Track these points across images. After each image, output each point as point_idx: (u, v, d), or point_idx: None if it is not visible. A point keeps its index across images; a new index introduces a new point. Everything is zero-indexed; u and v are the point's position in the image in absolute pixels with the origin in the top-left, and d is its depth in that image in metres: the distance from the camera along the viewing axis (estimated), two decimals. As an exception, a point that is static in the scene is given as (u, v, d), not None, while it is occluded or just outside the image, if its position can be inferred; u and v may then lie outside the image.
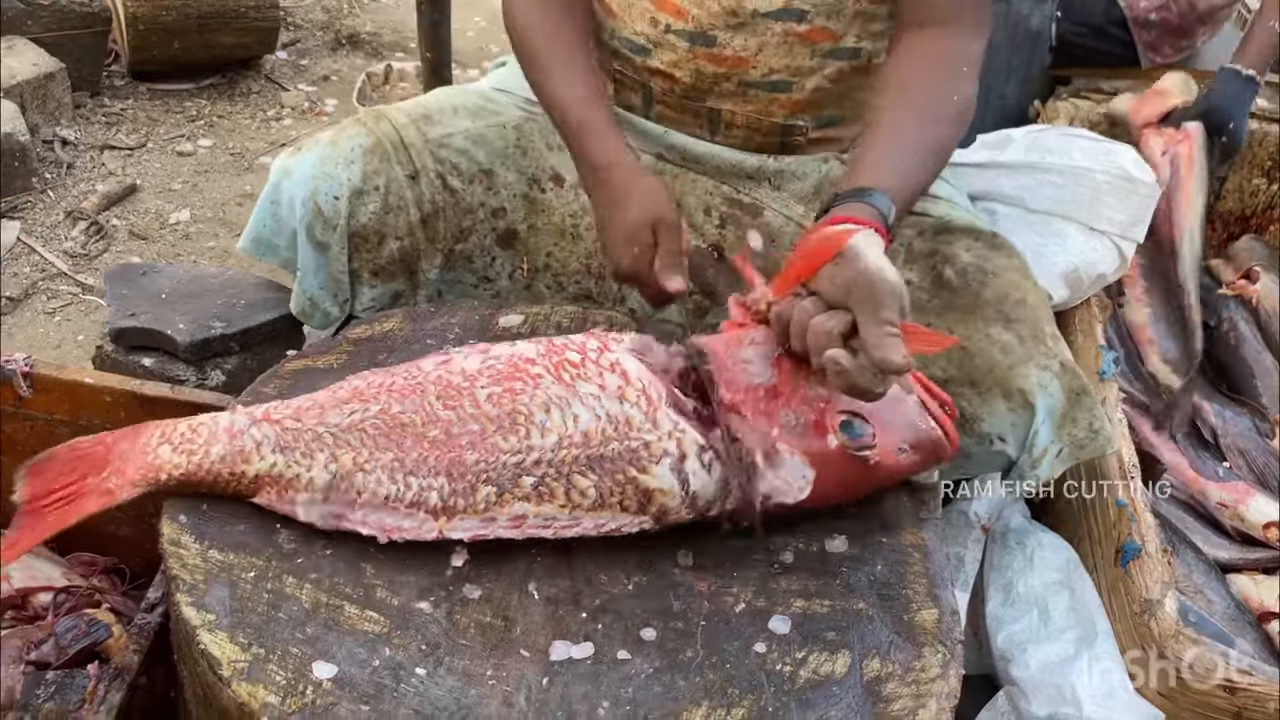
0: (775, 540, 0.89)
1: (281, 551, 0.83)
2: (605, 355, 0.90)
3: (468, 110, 1.28)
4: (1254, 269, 1.87)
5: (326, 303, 1.24)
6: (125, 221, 2.33)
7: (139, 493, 0.85)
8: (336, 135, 1.24)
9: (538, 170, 1.27)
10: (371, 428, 0.86)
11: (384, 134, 1.23)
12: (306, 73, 3.05)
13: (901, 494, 0.95)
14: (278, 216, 1.25)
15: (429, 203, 1.23)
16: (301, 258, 1.23)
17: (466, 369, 0.89)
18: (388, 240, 1.22)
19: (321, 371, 1.02)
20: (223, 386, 1.25)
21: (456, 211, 1.24)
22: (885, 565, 0.88)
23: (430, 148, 1.24)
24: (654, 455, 0.84)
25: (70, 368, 1.17)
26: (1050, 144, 1.49)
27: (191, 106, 2.78)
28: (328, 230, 1.20)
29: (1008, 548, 1.23)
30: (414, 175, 1.22)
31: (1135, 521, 1.12)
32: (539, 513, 0.83)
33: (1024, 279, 1.20)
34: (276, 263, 1.29)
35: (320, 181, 1.20)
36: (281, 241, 1.26)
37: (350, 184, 1.20)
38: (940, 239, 1.22)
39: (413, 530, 0.83)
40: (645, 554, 0.87)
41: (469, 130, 1.26)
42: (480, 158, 1.25)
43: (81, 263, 2.19)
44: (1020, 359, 1.12)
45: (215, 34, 2.78)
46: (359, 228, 1.21)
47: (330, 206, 1.20)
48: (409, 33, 3.06)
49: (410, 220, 1.22)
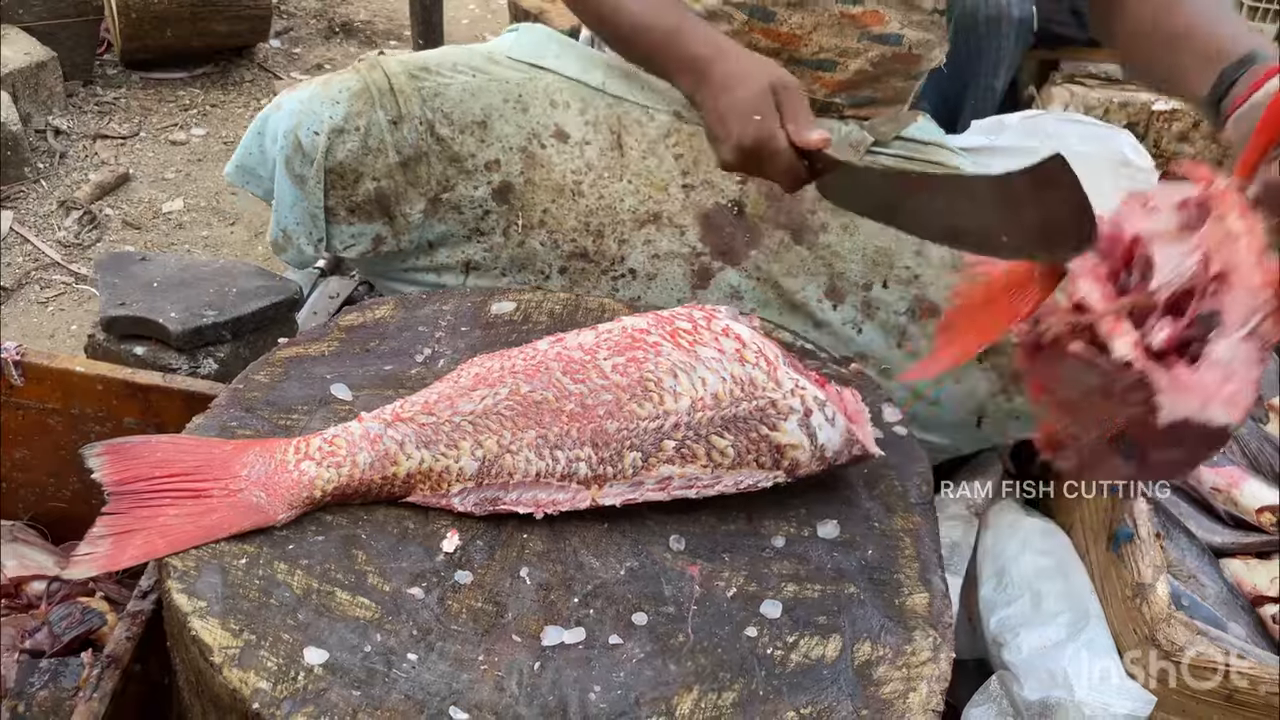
0: (766, 524, 0.89)
1: (273, 538, 0.83)
2: (714, 322, 0.92)
3: (469, 67, 1.30)
4: (1248, 254, 1.87)
5: (301, 239, 1.26)
6: (118, 211, 2.32)
7: (297, 514, 0.84)
8: (330, 77, 1.28)
9: (538, 126, 1.27)
10: (506, 410, 0.87)
11: (374, 80, 1.26)
12: (300, 61, 3.04)
13: (893, 478, 0.95)
14: (263, 147, 1.28)
15: (410, 147, 1.25)
16: (278, 190, 1.26)
17: (584, 344, 0.91)
18: (364, 179, 1.24)
19: (313, 359, 1.02)
20: (215, 375, 1.25)
21: (442, 159, 1.26)
22: (876, 550, 0.88)
23: (422, 95, 1.26)
24: (781, 412, 0.87)
25: (62, 356, 1.17)
26: (1048, 128, 1.49)
27: (184, 95, 2.77)
28: (305, 164, 1.23)
29: (1000, 533, 1.23)
30: (396, 120, 1.24)
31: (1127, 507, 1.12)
32: (683, 474, 0.86)
33: None
34: (258, 192, 1.32)
35: (304, 116, 1.23)
36: (265, 171, 1.29)
37: (331, 121, 1.22)
38: None
39: (567, 502, 0.86)
40: (637, 539, 0.87)
41: (467, 84, 1.27)
42: (475, 110, 1.26)
43: (75, 252, 2.18)
44: None
45: (208, 22, 2.77)
46: (335, 164, 1.24)
47: (310, 141, 1.23)
48: (403, 20, 3.05)
49: (389, 162, 1.24)
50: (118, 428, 1.17)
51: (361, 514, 0.86)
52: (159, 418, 1.14)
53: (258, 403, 0.96)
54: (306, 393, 0.98)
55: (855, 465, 0.92)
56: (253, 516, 0.83)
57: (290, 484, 0.84)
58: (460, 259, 1.29)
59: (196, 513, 0.82)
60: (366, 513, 0.86)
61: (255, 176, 1.30)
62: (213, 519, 0.82)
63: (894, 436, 1.00)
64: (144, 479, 0.84)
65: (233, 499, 0.83)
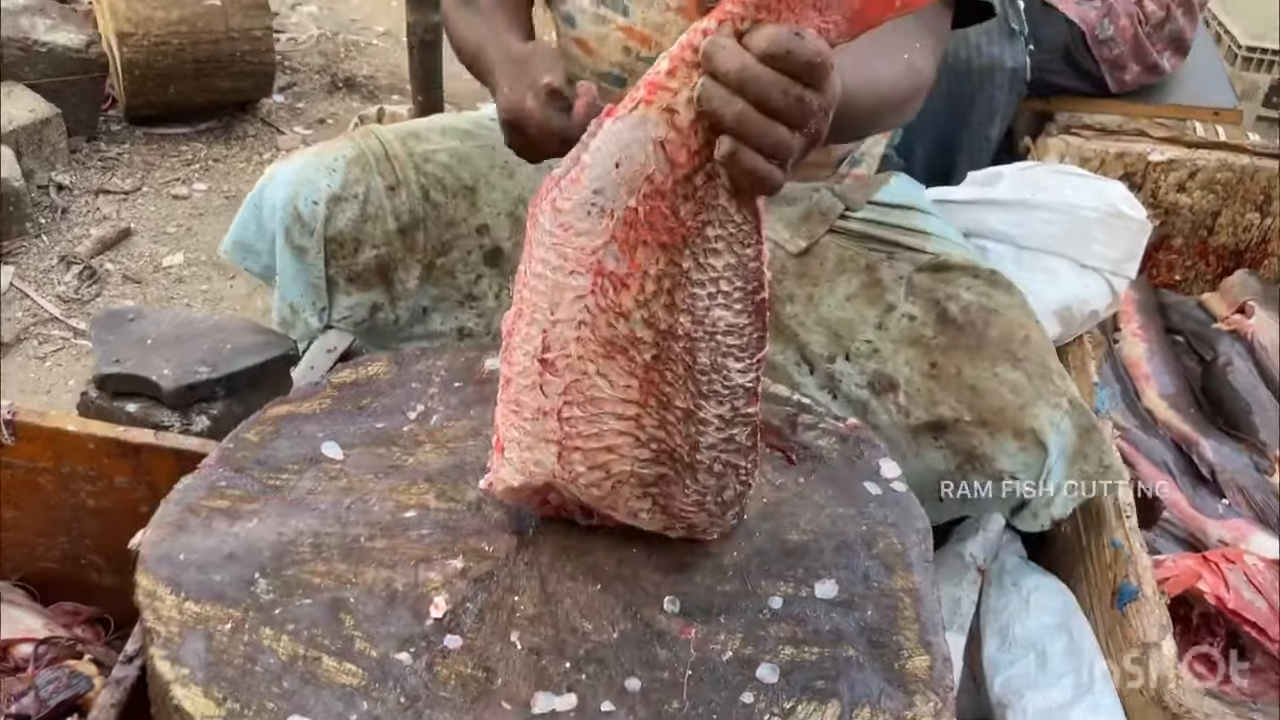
0: (763, 584, 0.87)
1: (259, 602, 0.82)
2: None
3: (456, 132, 1.31)
4: (1248, 303, 1.87)
5: (306, 311, 1.26)
6: (118, 266, 2.33)
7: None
8: (324, 146, 1.28)
9: (525, 191, 1.28)
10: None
11: (369, 147, 1.26)
12: (303, 115, 3.07)
13: (892, 536, 0.93)
14: (259, 221, 1.27)
15: (408, 213, 1.25)
16: (280, 263, 1.25)
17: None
18: (364, 247, 1.23)
19: (305, 417, 1.01)
20: (208, 432, 1.24)
21: (438, 224, 1.26)
22: (876, 610, 0.86)
23: (415, 161, 1.26)
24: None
25: (53, 415, 1.16)
26: (1041, 180, 1.49)
27: (187, 150, 2.79)
28: (305, 234, 1.23)
29: (1004, 589, 1.21)
30: (394, 186, 1.24)
31: (1131, 563, 1.10)
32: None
33: (1026, 316, 1.19)
34: (255, 268, 1.31)
35: (301, 187, 1.23)
36: (262, 246, 1.28)
37: (330, 190, 1.22)
38: (940, 276, 1.22)
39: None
40: (630, 601, 0.85)
41: (455, 149, 1.28)
42: (464, 175, 1.27)
43: (74, 307, 2.19)
44: (1030, 398, 1.11)
45: (212, 78, 2.80)
46: (335, 233, 1.23)
47: (309, 211, 1.22)
48: (405, 76, 3.08)
49: (388, 229, 1.24)
50: (109, 487, 1.16)
51: (350, 576, 0.85)
52: (150, 475, 1.13)
53: (247, 462, 0.95)
54: (297, 451, 0.97)
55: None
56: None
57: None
58: (454, 325, 1.29)
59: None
60: (355, 574, 0.85)
61: (252, 252, 1.30)
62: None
63: (893, 494, 0.99)
64: None
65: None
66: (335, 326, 1.29)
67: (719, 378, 0.76)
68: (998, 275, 1.23)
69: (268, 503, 0.91)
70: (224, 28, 2.73)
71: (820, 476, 0.99)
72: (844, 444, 1.04)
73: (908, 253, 1.25)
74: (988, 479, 1.13)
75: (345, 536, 0.88)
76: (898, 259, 1.24)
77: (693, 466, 0.81)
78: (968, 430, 1.12)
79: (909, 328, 1.19)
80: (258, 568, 0.84)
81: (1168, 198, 1.96)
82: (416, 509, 0.92)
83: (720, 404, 0.78)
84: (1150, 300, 1.93)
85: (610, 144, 0.70)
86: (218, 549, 0.86)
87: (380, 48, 3.54)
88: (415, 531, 0.89)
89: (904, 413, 1.16)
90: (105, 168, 2.68)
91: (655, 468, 0.82)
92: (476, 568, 0.87)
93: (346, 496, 0.92)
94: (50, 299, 2.19)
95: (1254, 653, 1.20)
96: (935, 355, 1.15)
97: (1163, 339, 1.85)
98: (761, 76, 0.63)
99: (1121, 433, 1.57)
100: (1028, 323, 1.18)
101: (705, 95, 0.64)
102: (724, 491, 0.84)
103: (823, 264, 1.25)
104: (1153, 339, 1.84)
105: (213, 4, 2.70)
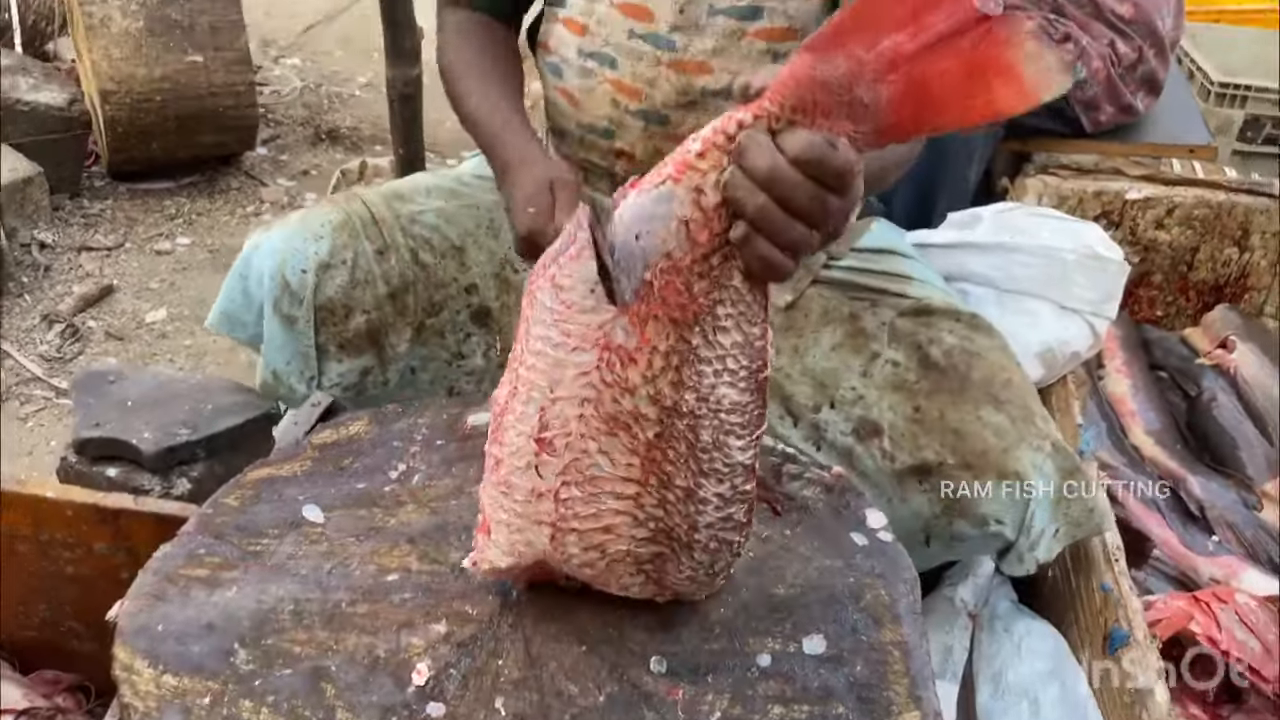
0: (750, 641, 0.86)
1: (239, 673, 0.80)
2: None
3: (441, 191, 1.31)
4: (1230, 338, 1.88)
5: (293, 379, 1.24)
6: (101, 322, 2.32)
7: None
8: (308, 212, 1.27)
9: (510, 251, 1.27)
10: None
11: (355, 211, 1.25)
12: (286, 168, 3.08)
13: (880, 587, 0.93)
14: (246, 291, 1.26)
15: (398, 277, 1.24)
16: (268, 332, 1.24)
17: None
18: (355, 313, 1.22)
19: (285, 480, 1.00)
20: (188, 495, 1.23)
21: (428, 286, 1.25)
22: (865, 665, 0.85)
23: (401, 223, 1.25)
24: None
25: (32, 481, 1.15)
26: (1019, 223, 1.50)
27: (170, 205, 2.80)
28: (294, 304, 1.21)
29: (995, 635, 1.20)
30: (383, 250, 1.23)
31: (1122, 607, 1.10)
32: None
33: (1008, 359, 1.20)
34: (244, 338, 1.29)
35: (288, 255, 1.21)
36: (249, 317, 1.26)
37: (318, 257, 1.21)
38: (921, 320, 1.22)
39: None
40: (616, 662, 0.84)
41: (441, 209, 1.27)
42: (451, 235, 1.27)
43: (56, 366, 2.17)
44: (1013, 441, 1.11)
45: (195, 133, 2.81)
46: (325, 300, 1.22)
47: (297, 280, 1.21)
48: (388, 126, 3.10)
49: (378, 294, 1.23)
50: (88, 553, 1.14)
51: (331, 643, 0.84)
52: (129, 541, 1.12)
53: (227, 528, 0.94)
54: (277, 515, 0.96)
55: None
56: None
57: None
58: (443, 385, 1.28)
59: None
60: (336, 641, 0.84)
61: (239, 323, 1.28)
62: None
63: (879, 544, 0.98)
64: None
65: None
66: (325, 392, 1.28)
67: (720, 455, 0.76)
68: (979, 319, 1.23)
69: (248, 569, 0.90)
70: (206, 84, 2.74)
71: (806, 528, 0.98)
72: (829, 494, 1.03)
73: (890, 299, 1.26)
74: (972, 522, 1.12)
75: (326, 602, 0.87)
76: (881, 306, 1.25)
77: (690, 545, 0.80)
78: (952, 474, 1.12)
79: (892, 373, 1.19)
80: (237, 637, 0.83)
81: (1146, 234, 1.98)
82: (399, 572, 0.91)
83: (720, 482, 0.77)
84: (1133, 336, 1.94)
85: (632, 216, 0.70)
86: (196, 619, 0.84)
87: (363, 99, 3.56)
88: (398, 595, 0.88)
89: (889, 458, 1.16)
90: (88, 224, 2.67)
91: (652, 547, 0.81)
92: (460, 631, 0.85)
93: (328, 561, 0.91)
94: (32, 358, 2.18)
95: (1248, 694, 1.20)
96: (918, 399, 1.15)
97: (1147, 375, 1.86)
98: (788, 178, 0.65)
99: (1109, 470, 1.57)
100: (1009, 365, 1.19)
101: (732, 184, 0.67)
102: (716, 564, 0.83)
103: (807, 315, 1.25)
104: (1137, 375, 1.84)
105: (195, 60, 2.71)
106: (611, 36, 1.19)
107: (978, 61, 0.63)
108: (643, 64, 1.18)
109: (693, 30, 1.16)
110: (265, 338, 1.25)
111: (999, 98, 0.64)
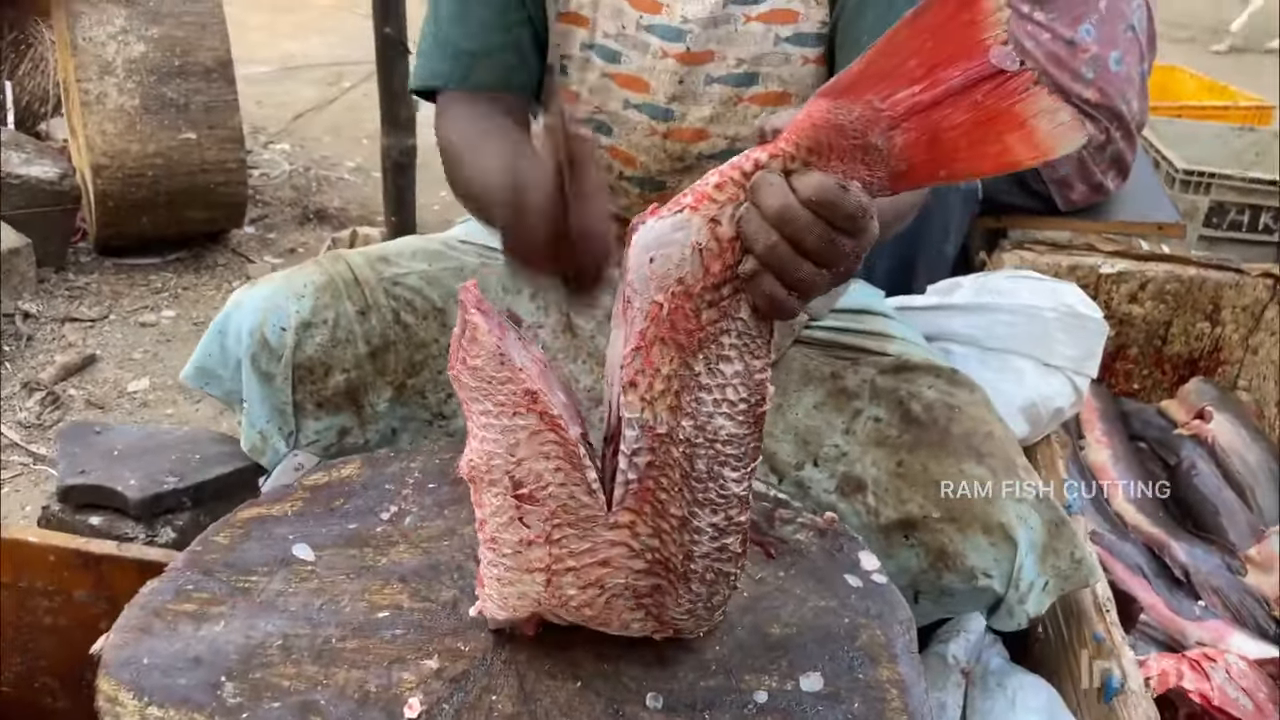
0: (747, 678, 0.85)
1: (226, 706, 0.78)
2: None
3: (426, 254, 1.31)
4: (1206, 409, 1.91)
5: (274, 437, 1.23)
6: (82, 391, 2.31)
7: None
8: (292, 272, 1.26)
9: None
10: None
11: (338, 272, 1.25)
12: (273, 245, 3.11)
13: (875, 628, 0.92)
14: (224, 347, 1.25)
15: (379, 336, 1.24)
16: (247, 390, 1.22)
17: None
18: (334, 372, 1.21)
19: (275, 519, 0.99)
20: (173, 544, 1.21)
21: (409, 346, 1.25)
22: (863, 703, 0.85)
23: (384, 285, 1.25)
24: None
25: (13, 527, 1.13)
26: (999, 285, 1.54)
27: (156, 279, 2.81)
28: (272, 360, 1.21)
29: (989, 691, 1.18)
30: (364, 310, 1.23)
31: (1115, 656, 1.09)
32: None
33: (988, 413, 1.21)
34: (218, 393, 1.28)
35: (269, 313, 1.21)
36: (225, 372, 1.25)
37: (299, 316, 1.21)
38: (901, 376, 1.23)
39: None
40: (612, 698, 0.83)
41: (425, 271, 1.28)
42: (434, 297, 1.27)
43: (35, 433, 2.15)
44: (996, 493, 1.11)
45: (184, 209, 2.83)
46: (304, 359, 1.21)
47: (276, 337, 1.20)
48: (376, 208, 3.14)
49: (358, 353, 1.22)
50: (67, 601, 1.12)
51: (320, 678, 0.82)
52: (111, 589, 1.10)
53: (216, 565, 0.93)
54: (267, 553, 0.95)
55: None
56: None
57: None
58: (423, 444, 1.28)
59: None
60: (326, 676, 0.82)
61: (215, 378, 1.28)
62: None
63: (874, 586, 0.98)
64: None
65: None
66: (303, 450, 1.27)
67: (715, 486, 0.77)
68: (958, 374, 1.25)
69: (236, 605, 0.88)
70: (199, 160, 2.78)
71: (800, 570, 0.98)
72: (822, 538, 1.03)
73: (871, 357, 1.27)
74: (961, 576, 1.12)
75: (316, 638, 0.86)
76: (862, 364, 1.26)
77: (686, 576, 0.80)
78: (937, 527, 1.12)
79: (874, 429, 1.20)
80: (224, 670, 0.81)
81: (1121, 308, 2.03)
82: (390, 609, 0.89)
83: (715, 512, 0.78)
84: (1111, 409, 1.97)
85: (648, 239, 0.72)
86: (183, 652, 0.83)
87: (351, 182, 3.62)
88: (388, 631, 0.87)
89: (873, 513, 1.16)
90: (73, 296, 2.68)
91: (650, 579, 0.81)
92: (452, 667, 0.84)
93: (317, 598, 0.90)
94: (11, 425, 2.16)
95: (1244, 751, 1.18)
96: (901, 454, 1.16)
97: (1127, 445, 1.88)
98: (799, 218, 0.67)
99: (1093, 536, 1.58)
100: (990, 419, 1.20)
101: (745, 219, 0.69)
102: (714, 597, 0.83)
103: (789, 374, 1.26)
104: (1117, 445, 1.86)
105: (188, 137, 2.76)
106: (606, 105, 1.22)
107: (991, 114, 0.66)
108: (637, 133, 1.21)
109: (690, 100, 1.20)
110: (245, 396, 1.24)
111: (1012, 150, 0.67)
